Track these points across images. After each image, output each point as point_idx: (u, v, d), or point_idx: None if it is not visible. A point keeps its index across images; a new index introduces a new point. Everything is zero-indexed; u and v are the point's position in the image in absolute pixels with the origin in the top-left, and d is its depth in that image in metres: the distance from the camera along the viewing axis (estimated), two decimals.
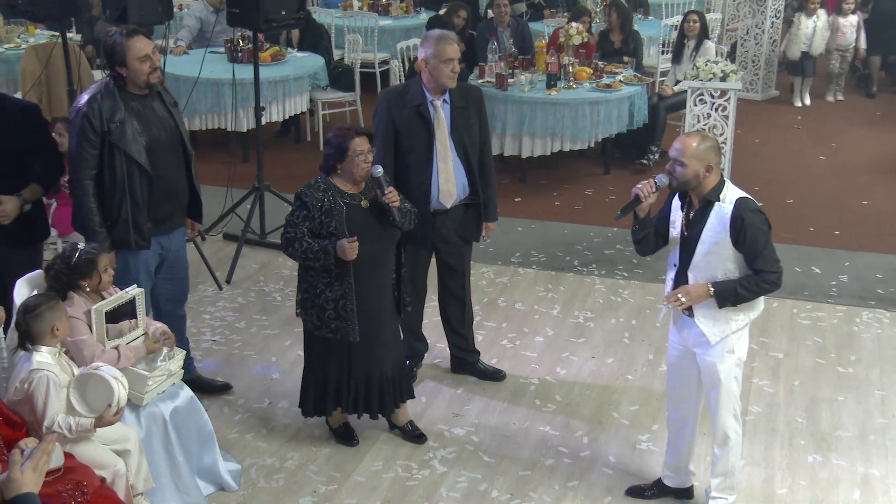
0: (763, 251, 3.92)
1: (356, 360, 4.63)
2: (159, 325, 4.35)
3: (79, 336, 4.03)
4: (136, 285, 4.31)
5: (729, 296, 3.96)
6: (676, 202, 4.11)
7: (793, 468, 4.72)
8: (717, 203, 3.93)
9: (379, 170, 4.50)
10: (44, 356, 3.76)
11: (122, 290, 4.24)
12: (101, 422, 3.75)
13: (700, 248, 3.97)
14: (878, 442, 4.92)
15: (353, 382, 4.66)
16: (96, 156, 4.53)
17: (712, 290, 3.95)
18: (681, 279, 4.07)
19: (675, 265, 4.12)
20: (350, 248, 4.36)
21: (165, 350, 4.31)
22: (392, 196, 4.49)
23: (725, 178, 4.01)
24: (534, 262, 6.94)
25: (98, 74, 8.27)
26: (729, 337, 4.03)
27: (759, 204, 4.01)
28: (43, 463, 2.24)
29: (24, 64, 8.24)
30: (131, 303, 4.21)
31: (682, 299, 3.98)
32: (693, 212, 4.02)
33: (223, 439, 4.81)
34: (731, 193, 3.96)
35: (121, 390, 3.77)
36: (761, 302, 4.11)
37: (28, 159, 4.75)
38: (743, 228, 3.87)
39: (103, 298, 4.14)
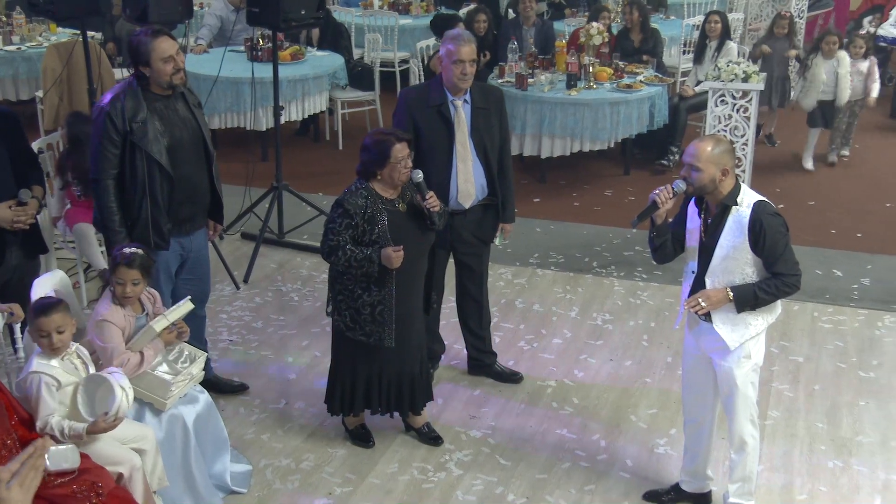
0: (782, 254, 3.89)
1: (388, 362, 4.62)
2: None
3: (111, 343, 4.03)
4: (188, 299, 4.32)
5: (748, 299, 3.92)
6: (692, 209, 4.08)
7: (812, 474, 4.67)
8: (734, 208, 3.90)
9: (419, 175, 4.48)
10: (44, 357, 3.75)
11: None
12: (94, 428, 3.69)
13: (718, 253, 3.93)
14: None
15: (385, 384, 4.66)
16: (118, 155, 4.53)
17: (731, 294, 3.92)
18: (698, 286, 4.03)
19: (692, 272, 4.08)
20: (396, 257, 4.34)
21: (186, 352, 4.32)
22: (433, 201, 4.48)
23: (740, 182, 3.98)
24: (552, 264, 6.91)
25: (119, 73, 8.30)
26: (746, 342, 4.00)
27: (779, 206, 3.97)
28: (31, 479, 2.17)
29: (45, 62, 8.28)
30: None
31: (703, 304, 3.94)
32: (711, 218, 3.99)
33: (239, 440, 4.82)
34: (748, 197, 3.92)
35: (123, 401, 3.71)
36: (779, 306, 4.07)
37: (18, 163, 4.82)
38: (762, 232, 3.83)
39: (126, 307, 4.14)
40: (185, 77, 4.67)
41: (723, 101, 6.92)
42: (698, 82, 8.80)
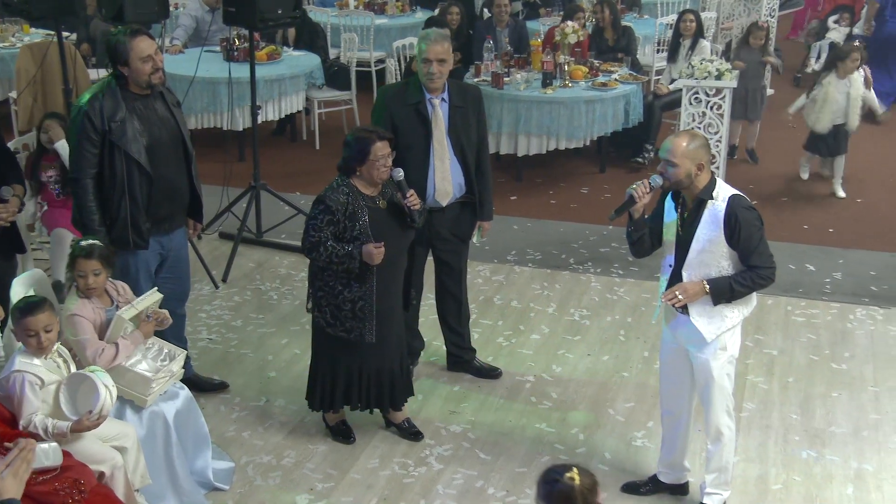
0: (757, 247, 3.95)
1: (368, 358, 4.65)
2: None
3: (83, 335, 4.04)
4: (155, 289, 4.35)
5: (724, 292, 3.98)
6: (669, 204, 4.14)
7: (787, 464, 4.75)
8: (710, 202, 3.96)
9: (400, 173, 4.52)
10: (27, 356, 3.76)
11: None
12: (79, 426, 3.70)
13: (694, 247, 3.99)
14: (871, 438, 4.95)
15: (365, 380, 4.69)
16: (97, 154, 4.55)
17: (708, 286, 3.98)
18: (675, 280, 4.09)
19: (670, 266, 4.14)
20: (377, 254, 4.38)
21: (166, 350, 4.33)
22: (414, 199, 4.52)
23: (716, 177, 4.04)
24: (530, 261, 6.96)
25: (93, 73, 8.27)
26: (723, 334, 4.06)
27: (753, 202, 4.04)
28: (23, 470, 2.27)
29: (18, 63, 8.23)
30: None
31: (680, 297, 4.00)
32: (687, 212, 4.05)
33: (220, 437, 4.83)
34: (724, 191, 3.98)
35: (107, 399, 3.73)
36: (754, 299, 4.14)
37: None
38: (737, 226, 3.90)
39: (93, 300, 4.15)
40: (164, 76, 4.68)
41: (696, 98, 7.01)
42: (672, 80, 8.90)
